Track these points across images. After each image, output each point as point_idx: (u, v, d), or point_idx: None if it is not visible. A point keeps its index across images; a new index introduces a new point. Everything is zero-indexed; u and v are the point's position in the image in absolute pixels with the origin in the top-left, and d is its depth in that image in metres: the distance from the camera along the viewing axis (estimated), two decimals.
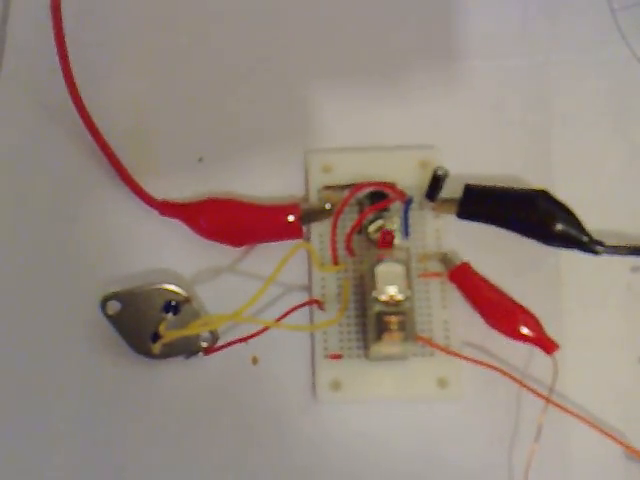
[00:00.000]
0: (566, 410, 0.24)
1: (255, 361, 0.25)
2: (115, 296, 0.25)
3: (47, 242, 0.27)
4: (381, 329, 0.24)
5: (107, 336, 0.25)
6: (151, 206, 0.26)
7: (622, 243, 0.25)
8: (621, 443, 0.24)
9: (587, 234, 0.25)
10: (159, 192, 0.26)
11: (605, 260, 0.25)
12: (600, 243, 0.25)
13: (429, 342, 0.25)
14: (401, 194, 0.26)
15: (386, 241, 0.25)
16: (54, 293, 0.26)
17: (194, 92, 0.28)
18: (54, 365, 0.25)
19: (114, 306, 0.25)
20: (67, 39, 0.25)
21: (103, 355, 0.25)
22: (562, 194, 0.25)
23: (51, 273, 0.26)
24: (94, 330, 0.25)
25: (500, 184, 0.26)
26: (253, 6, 0.29)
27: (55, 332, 0.26)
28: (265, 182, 0.27)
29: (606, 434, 0.24)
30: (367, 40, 0.29)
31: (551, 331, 0.24)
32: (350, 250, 0.26)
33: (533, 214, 0.25)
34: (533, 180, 0.27)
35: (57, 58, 0.25)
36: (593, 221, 0.25)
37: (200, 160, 0.28)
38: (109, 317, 0.25)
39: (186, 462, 0.25)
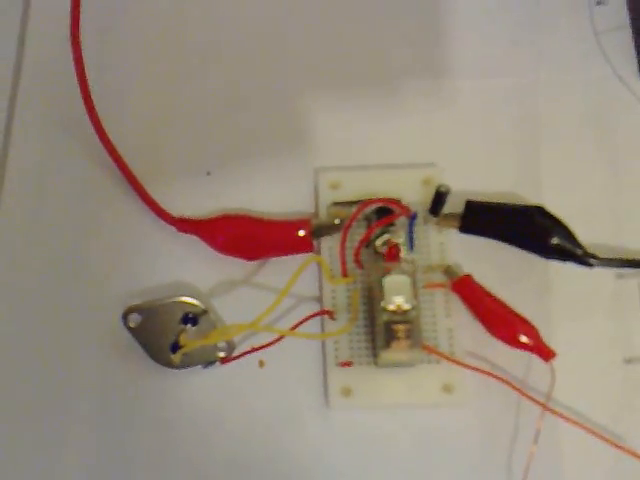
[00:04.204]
0: (562, 416, 0.25)
1: (262, 364, 0.27)
2: (136, 309, 0.26)
3: (69, 257, 0.28)
4: (389, 337, 0.25)
5: (127, 347, 0.26)
6: (169, 223, 0.27)
7: (608, 254, 0.27)
8: (614, 444, 0.25)
9: (581, 247, 0.26)
10: (169, 205, 0.27)
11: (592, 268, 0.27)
12: (593, 256, 0.26)
13: (434, 350, 0.26)
14: (406, 210, 0.27)
15: (392, 254, 0.26)
16: (76, 306, 0.27)
17: (204, 111, 0.30)
18: (76, 375, 0.26)
19: (135, 318, 0.26)
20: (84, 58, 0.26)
21: (124, 365, 0.26)
22: (551, 207, 0.27)
23: (73, 287, 0.27)
24: (115, 341, 0.26)
25: (496, 199, 0.28)
26: (262, 29, 0.31)
27: (77, 343, 0.27)
28: (276, 198, 0.28)
29: (600, 437, 0.25)
30: (370, 62, 0.30)
31: (542, 337, 0.26)
32: (359, 263, 0.27)
33: (530, 228, 0.26)
34: (525, 194, 0.28)
35: (73, 77, 0.27)
36: (581, 233, 0.26)
37: (208, 174, 0.29)
38: (131, 329, 0.26)
39: (202, 467, 0.26)
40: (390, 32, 0.31)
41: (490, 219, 0.27)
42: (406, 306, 0.25)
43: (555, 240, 0.26)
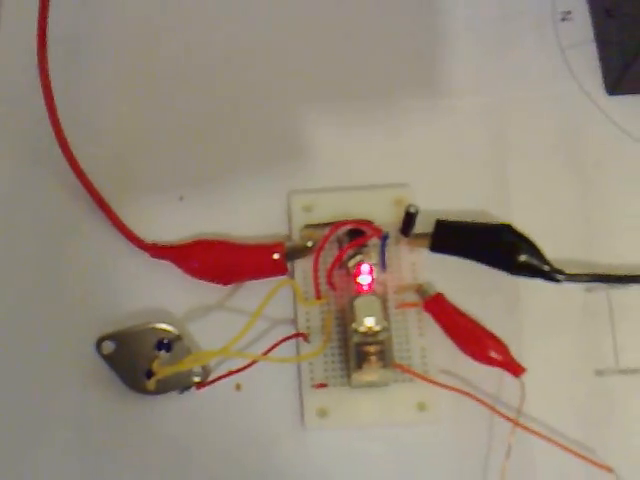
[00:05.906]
0: (532, 432, 0.25)
1: (238, 387, 0.27)
2: (110, 336, 0.26)
3: (41, 285, 0.28)
4: (360, 358, 0.25)
5: (102, 374, 0.26)
6: (141, 248, 0.27)
7: (576, 269, 0.27)
8: (585, 458, 0.25)
9: (548, 264, 0.27)
10: (142, 231, 0.28)
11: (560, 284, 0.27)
12: (560, 272, 0.27)
13: (407, 369, 0.26)
14: (378, 231, 0.27)
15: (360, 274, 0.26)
16: (49, 334, 0.27)
17: (176, 135, 0.30)
18: (51, 404, 0.26)
19: (109, 346, 0.26)
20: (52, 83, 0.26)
21: (99, 393, 0.26)
22: (520, 225, 0.27)
23: (46, 315, 0.27)
24: (89, 369, 0.26)
25: (466, 217, 0.28)
26: (237, 48, 0.31)
27: (51, 372, 0.27)
28: (249, 222, 0.28)
29: (571, 451, 0.25)
30: (340, 87, 0.31)
31: (514, 352, 0.26)
32: (332, 284, 0.27)
33: (498, 246, 0.27)
34: (494, 212, 0.29)
35: (42, 103, 0.27)
36: (549, 249, 0.27)
37: (181, 199, 0.29)
38: (104, 357, 0.26)
39: None
40: (356, 57, 0.31)
41: (459, 238, 0.27)
42: (377, 327, 0.25)
43: (522, 257, 0.27)
